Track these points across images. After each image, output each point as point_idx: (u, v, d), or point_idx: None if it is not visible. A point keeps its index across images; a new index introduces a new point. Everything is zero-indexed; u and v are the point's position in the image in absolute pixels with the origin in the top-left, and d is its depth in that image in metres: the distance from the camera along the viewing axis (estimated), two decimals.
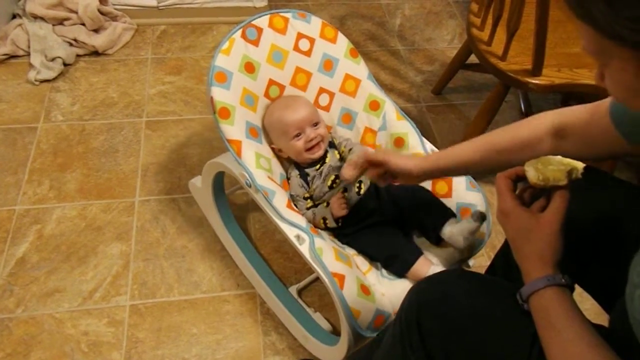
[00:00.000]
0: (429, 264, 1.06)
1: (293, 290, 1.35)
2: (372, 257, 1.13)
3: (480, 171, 0.94)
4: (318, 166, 1.21)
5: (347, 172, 1.02)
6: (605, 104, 0.79)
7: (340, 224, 1.15)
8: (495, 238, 1.50)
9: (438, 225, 1.09)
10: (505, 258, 1.02)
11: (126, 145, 1.68)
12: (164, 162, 1.65)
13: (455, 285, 0.78)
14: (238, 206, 1.56)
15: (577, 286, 0.93)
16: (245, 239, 1.45)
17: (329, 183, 1.19)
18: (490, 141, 0.90)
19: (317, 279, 1.39)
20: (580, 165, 0.74)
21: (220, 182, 1.35)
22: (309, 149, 1.19)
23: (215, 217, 1.42)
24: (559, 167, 0.73)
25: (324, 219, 1.15)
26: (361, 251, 1.15)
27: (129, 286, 1.37)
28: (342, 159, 1.22)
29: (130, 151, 1.66)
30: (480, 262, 1.48)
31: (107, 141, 1.69)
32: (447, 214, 1.11)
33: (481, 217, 1.06)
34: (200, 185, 1.40)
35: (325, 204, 1.17)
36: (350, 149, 1.21)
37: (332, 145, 1.25)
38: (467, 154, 0.91)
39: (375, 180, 1.01)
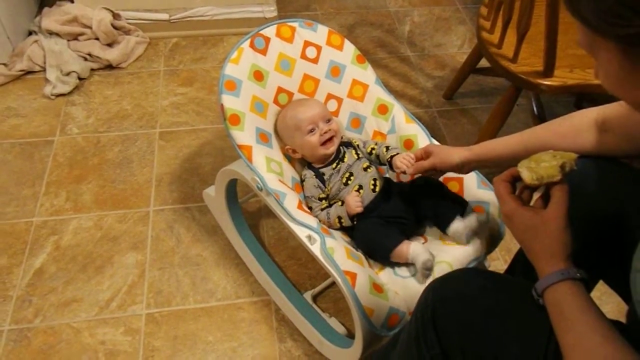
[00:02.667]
0: (409, 244, 1.08)
1: (308, 296, 1.35)
2: (361, 249, 1.14)
3: None
4: (335, 164, 1.22)
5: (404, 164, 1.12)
6: None
7: (355, 222, 1.16)
8: (510, 241, 1.49)
9: (448, 221, 1.11)
10: (524, 260, 1.02)
11: (140, 156, 1.71)
12: (177, 172, 1.67)
13: (471, 282, 0.79)
14: (251, 214, 1.58)
15: (599, 288, 0.93)
16: (259, 246, 1.46)
17: (344, 180, 1.20)
18: (532, 136, 0.94)
19: (332, 284, 1.39)
20: (572, 156, 0.75)
21: (233, 191, 1.37)
22: (323, 144, 1.20)
23: (229, 225, 1.44)
24: (551, 162, 0.74)
25: (339, 217, 1.16)
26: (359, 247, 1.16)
27: (145, 295, 1.39)
28: (359, 158, 1.23)
29: (144, 162, 1.69)
30: (496, 266, 1.47)
31: (122, 152, 1.72)
32: (457, 210, 1.12)
33: (481, 220, 1.08)
34: (213, 194, 1.41)
35: (340, 202, 1.18)
36: (392, 155, 1.20)
37: (348, 145, 1.26)
38: (512, 146, 0.96)
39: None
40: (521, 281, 0.80)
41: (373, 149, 1.24)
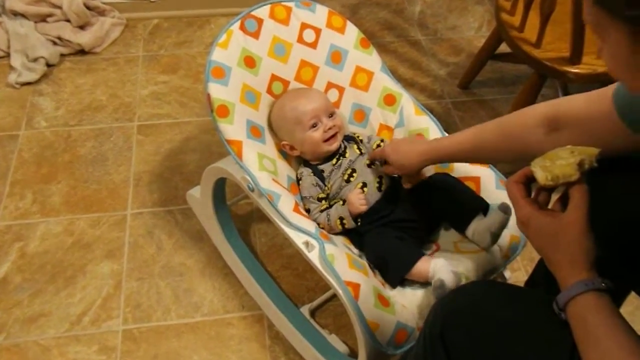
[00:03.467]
0: (430, 260, 1.07)
1: (305, 310, 1.36)
2: (371, 262, 1.14)
3: (480, 162, 1.02)
4: (335, 160, 1.23)
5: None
6: (608, 91, 0.81)
7: (359, 223, 1.17)
8: (532, 250, 1.50)
9: (467, 221, 1.12)
10: (546, 271, 1.03)
11: (116, 152, 1.72)
12: (158, 171, 1.68)
13: (485, 295, 0.79)
14: (241, 218, 1.59)
15: (631, 301, 0.94)
16: (250, 254, 1.47)
17: (346, 177, 1.21)
18: (479, 134, 0.98)
19: (333, 297, 1.40)
20: (592, 151, 0.74)
21: (221, 192, 1.38)
22: (327, 140, 1.22)
23: (216, 231, 1.44)
24: (568, 160, 0.74)
25: (341, 218, 1.16)
26: (366, 257, 1.16)
27: (122, 309, 1.39)
28: (362, 154, 1.25)
29: (121, 159, 1.71)
30: (517, 277, 1.48)
31: (95, 148, 1.73)
32: (478, 207, 1.13)
33: (508, 209, 1.08)
34: (199, 196, 1.42)
35: (340, 202, 1.19)
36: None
37: (349, 139, 1.27)
38: (463, 144, 1.01)
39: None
40: (541, 294, 0.80)
41: (379, 146, 1.24)
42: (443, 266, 1.05)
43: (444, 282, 1.01)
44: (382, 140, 1.27)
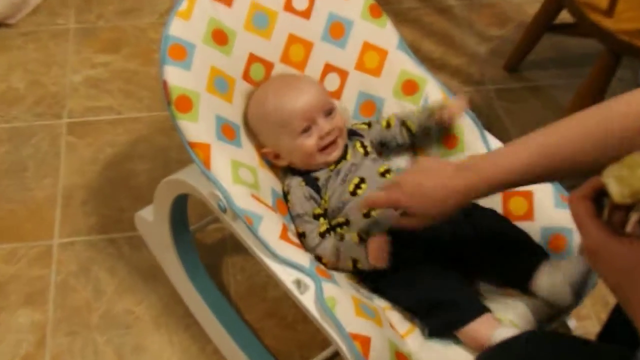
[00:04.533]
0: (495, 325, 1.06)
1: None
2: (407, 306, 1.14)
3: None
4: (333, 165, 1.24)
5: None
6: None
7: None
8: (606, 291, 1.49)
9: (530, 270, 1.10)
10: (625, 319, 1.03)
11: (39, 160, 1.72)
12: (96, 185, 1.68)
13: (538, 351, 0.80)
14: (210, 249, 1.59)
15: None
16: (222, 297, 1.47)
17: (351, 188, 1.21)
18: (547, 142, 0.94)
19: (334, 356, 1.37)
20: None
21: (182, 214, 1.38)
22: (323, 149, 1.22)
23: (175, 267, 1.44)
24: None
25: (355, 261, 1.16)
26: (394, 298, 1.16)
27: None
28: (368, 154, 1.26)
29: (45, 169, 1.70)
30: (586, 327, 1.48)
31: (10, 154, 1.73)
32: (539, 254, 1.13)
33: None
34: (151, 219, 1.42)
35: (356, 237, 1.17)
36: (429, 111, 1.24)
37: (350, 133, 1.28)
38: (522, 165, 0.94)
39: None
40: (616, 350, 0.81)
41: (389, 125, 1.27)
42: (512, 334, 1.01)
43: None
44: (394, 114, 1.28)
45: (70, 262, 1.56)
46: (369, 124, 1.31)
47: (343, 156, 1.25)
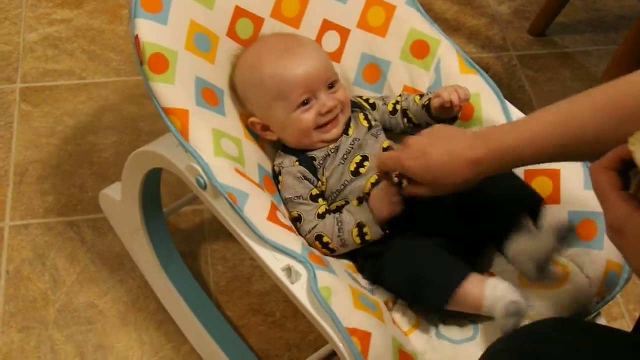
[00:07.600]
0: (484, 279, 1.07)
1: None
2: (395, 291, 1.15)
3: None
4: (332, 143, 1.23)
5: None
6: None
7: (387, 231, 1.15)
8: None
9: (506, 232, 1.12)
10: None
11: None
12: (54, 160, 1.66)
13: (559, 342, 0.81)
14: (186, 234, 1.57)
15: None
16: (200, 290, 1.46)
17: (353, 167, 1.20)
18: (576, 115, 0.93)
19: (331, 356, 1.34)
20: None
21: (154, 192, 1.36)
22: (322, 126, 1.20)
23: (146, 254, 1.43)
24: None
25: (361, 226, 1.14)
26: (388, 284, 1.17)
27: None
28: (372, 128, 1.24)
29: None
30: (619, 322, 1.48)
31: None
32: (520, 202, 1.15)
33: (567, 235, 1.07)
34: (119, 199, 1.41)
35: (356, 201, 1.18)
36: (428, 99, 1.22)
37: (354, 106, 1.26)
38: (544, 137, 0.95)
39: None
40: None
41: (397, 102, 1.26)
42: (507, 287, 1.05)
43: (520, 306, 1.01)
44: (401, 96, 1.26)
45: (24, 248, 1.54)
46: (373, 105, 1.29)
47: (345, 132, 1.24)
